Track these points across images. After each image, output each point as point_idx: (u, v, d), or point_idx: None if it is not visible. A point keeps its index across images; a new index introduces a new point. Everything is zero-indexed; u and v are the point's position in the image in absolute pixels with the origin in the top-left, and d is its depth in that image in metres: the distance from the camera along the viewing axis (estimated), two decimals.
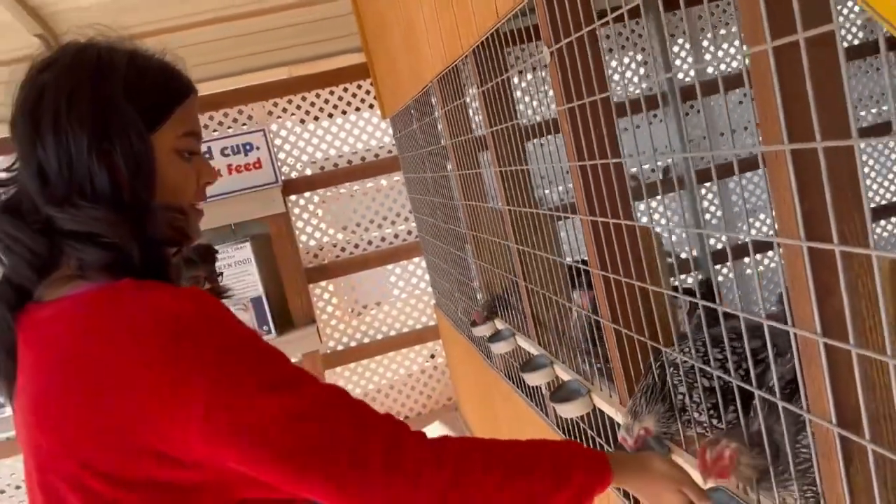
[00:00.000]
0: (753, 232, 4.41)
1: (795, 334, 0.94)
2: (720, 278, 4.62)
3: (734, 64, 4.54)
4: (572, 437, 2.11)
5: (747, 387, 1.11)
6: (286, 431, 0.87)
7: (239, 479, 0.90)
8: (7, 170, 1.01)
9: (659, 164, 4.48)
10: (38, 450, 0.94)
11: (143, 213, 0.95)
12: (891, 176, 4.85)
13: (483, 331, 2.68)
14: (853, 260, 0.84)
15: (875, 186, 4.80)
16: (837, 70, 0.79)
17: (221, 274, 2.70)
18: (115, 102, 0.95)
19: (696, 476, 1.19)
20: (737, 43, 4.54)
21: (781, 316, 0.97)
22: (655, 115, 4.02)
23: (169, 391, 0.85)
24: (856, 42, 4.48)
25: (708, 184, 4.56)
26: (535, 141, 2.04)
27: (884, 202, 4.82)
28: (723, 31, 4.64)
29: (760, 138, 0.91)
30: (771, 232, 0.95)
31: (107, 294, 0.92)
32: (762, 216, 4.77)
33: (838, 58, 0.76)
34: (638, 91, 1.54)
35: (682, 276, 3.76)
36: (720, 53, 4.66)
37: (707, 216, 4.73)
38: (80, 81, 0.95)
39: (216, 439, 0.86)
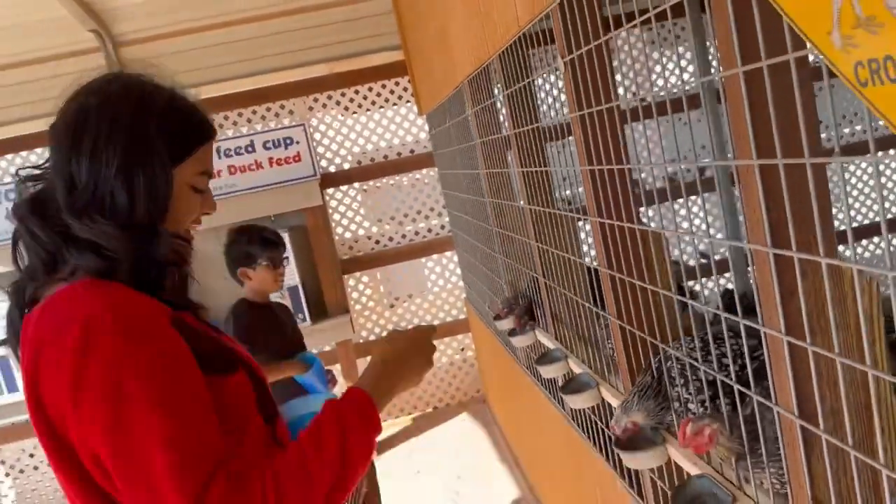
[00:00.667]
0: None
1: (764, 333, 1.03)
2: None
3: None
4: (581, 427, 2.20)
5: (727, 381, 1.19)
6: (153, 449, 0.95)
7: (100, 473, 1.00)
8: (38, 167, 1.15)
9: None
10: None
11: (150, 235, 1.09)
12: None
13: (505, 325, 2.78)
14: (809, 266, 0.93)
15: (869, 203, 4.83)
16: (804, 91, 0.87)
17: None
18: (148, 136, 1.08)
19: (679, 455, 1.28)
20: None
21: None
22: (693, 117, 4.06)
23: (71, 376, 0.97)
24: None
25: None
26: (557, 143, 2.13)
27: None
28: None
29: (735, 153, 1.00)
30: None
31: (63, 293, 1.05)
32: None
33: (793, 82, 0.84)
34: (660, 92, 1.62)
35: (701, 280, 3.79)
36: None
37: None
38: (122, 112, 1.08)
39: (94, 427, 0.96)
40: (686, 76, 4.30)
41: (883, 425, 0.95)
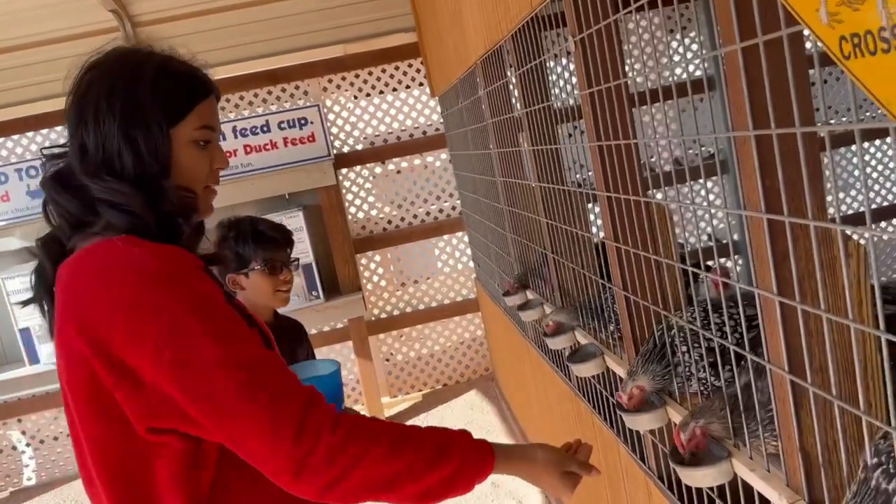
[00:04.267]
0: None
1: (759, 294, 1.10)
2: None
3: None
4: (587, 397, 2.28)
5: (725, 343, 1.26)
6: (222, 375, 1.04)
7: (174, 413, 1.07)
8: (60, 146, 1.27)
9: (703, 147, 4.56)
10: (59, 379, 1.18)
11: (156, 190, 1.18)
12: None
13: (514, 300, 2.85)
14: (799, 231, 0.99)
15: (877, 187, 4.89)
16: (797, 68, 0.94)
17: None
18: (142, 100, 1.18)
19: None
20: None
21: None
22: (702, 100, 4.11)
23: (128, 323, 1.06)
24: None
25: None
26: (568, 124, 2.20)
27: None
28: None
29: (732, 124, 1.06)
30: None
31: (101, 245, 1.14)
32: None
33: (786, 58, 0.90)
34: (670, 76, 1.68)
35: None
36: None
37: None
38: (118, 81, 1.19)
39: (160, 371, 1.05)
40: (696, 60, 4.33)
41: (868, 382, 1.02)
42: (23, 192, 4.44)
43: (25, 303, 1.27)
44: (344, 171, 4.89)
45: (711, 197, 4.61)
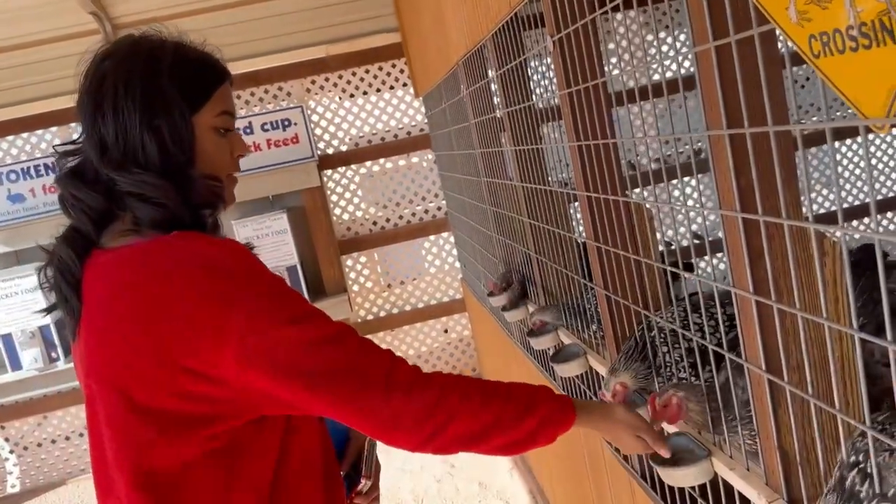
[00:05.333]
0: None
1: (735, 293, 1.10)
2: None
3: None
4: (571, 395, 2.27)
5: (703, 342, 1.26)
6: (306, 354, 1.06)
7: (261, 399, 1.08)
8: (73, 143, 1.23)
9: (690, 146, 4.57)
10: (88, 380, 1.14)
11: (184, 180, 1.15)
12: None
13: (499, 300, 2.85)
14: (774, 229, 0.99)
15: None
16: (770, 67, 0.94)
17: None
18: (162, 87, 1.15)
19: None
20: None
21: None
22: (686, 98, 4.12)
23: (206, 320, 1.04)
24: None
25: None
26: (552, 123, 2.19)
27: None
28: None
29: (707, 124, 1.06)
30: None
31: (158, 242, 1.12)
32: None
33: (758, 57, 0.90)
34: (654, 75, 1.68)
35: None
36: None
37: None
38: (135, 70, 1.15)
39: (247, 361, 1.04)
40: (677, 58, 4.34)
41: (840, 381, 1.02)
42: (3, 196, 4.39)
43: (49, 309, 1.23)
44: (328, 172, 4.87)
45: (698, 195, 4.63)
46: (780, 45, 0.97)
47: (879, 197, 4.95)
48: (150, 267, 1.09)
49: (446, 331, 5.13)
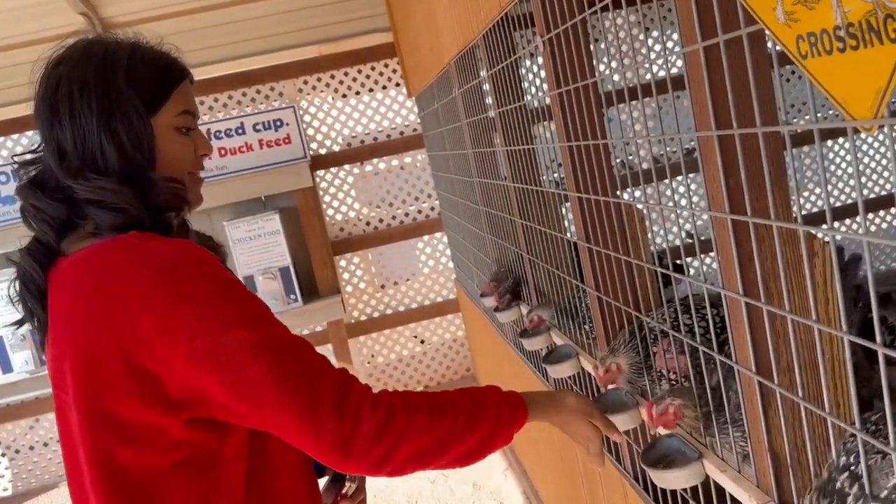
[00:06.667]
0: None
1: (725, 295, 1.09)
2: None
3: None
4: None
5: (693, 342, 1.26)
6: (253, 359, 1.02)
7: (213, 405, 1.05)
8: (33, 152, 1.21)
9: (679, 146, 4.57)
10: (56, 390, 1.13)
11: (144, 183, 1.14)
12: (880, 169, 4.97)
13: (492, 301, 2.84)
14: (764, 231, 0.99)
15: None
16: (758, 67, 0.93)
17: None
18: (119, 90, 1.13)
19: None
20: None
21: None
22: (678, 97, 4.12)
23: (160, 319, 1.02)
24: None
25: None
26: (545, 123, 2.18)
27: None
28: None
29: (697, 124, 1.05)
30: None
31: (115, 243, 1.10)
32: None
33: (746, 58, 0.90)
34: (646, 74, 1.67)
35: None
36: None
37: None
38: (90, 73, 1.13)
39: (195, 361, 1.02)
40: (669, 58, 4.34)
41: (831, 382, 1.01)
42: None
43: (19, 323, 1.22)
44: (321, 172, 4.86)
45: (690, 195, 4.63)
46: (768, 45, 0.96)
47: (871, 195, 4.96)
48: (104, 267, 1.08)
49: (423, 342, 5.11)
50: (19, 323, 1.22)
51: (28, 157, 1.20)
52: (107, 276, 1.07)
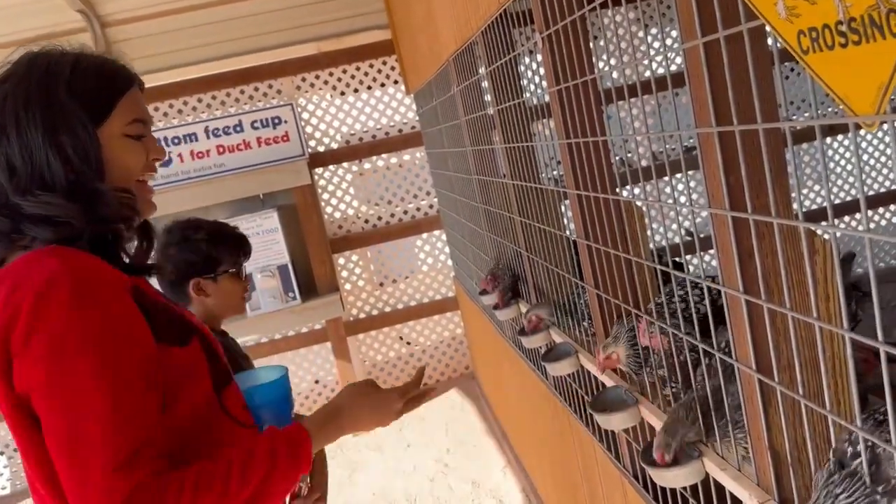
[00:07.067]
0: None
1: (725, 292, 1.08)
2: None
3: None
4: (562, 394, 2.27)
5: (693, 340, 1.25)
6: (62, 385, 1.01)
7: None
8: None
9: (679, 143, 4.57)
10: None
11: (92, 195, 1.14)
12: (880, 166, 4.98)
13: (490, 299, 2.83)
14: (764, 228, 0.98)
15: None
16: (758, 63, 0.92)
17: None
18: (62, 103, 1.13)
19: None
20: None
21: None
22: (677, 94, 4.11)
23: (23, 334, 1.03)
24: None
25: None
26: (545, 120, 2.18)
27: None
28: None
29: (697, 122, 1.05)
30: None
31: (27, 256, 1.11)
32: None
33: (747, 54, 0.89)
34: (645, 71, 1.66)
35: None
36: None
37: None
38: (32, 88, 1.13)
39: (26, 374, 1.03)
40: (669, 55, 4.33)
41: (831, 379, 1.01)
42: None
43: None
44: (319, 170, 4.85)
45: (689, 192, 4.62)
46: (769, 40, 0.96)
47: (871, 192, 4.96)
48: (9, 281, 1.08)
49: (408, 343, 5.10)
50: None
51: None
52: (9, 291, 1.07)
